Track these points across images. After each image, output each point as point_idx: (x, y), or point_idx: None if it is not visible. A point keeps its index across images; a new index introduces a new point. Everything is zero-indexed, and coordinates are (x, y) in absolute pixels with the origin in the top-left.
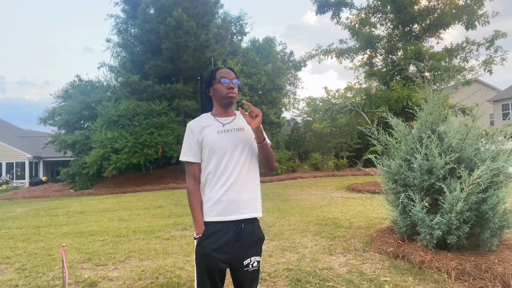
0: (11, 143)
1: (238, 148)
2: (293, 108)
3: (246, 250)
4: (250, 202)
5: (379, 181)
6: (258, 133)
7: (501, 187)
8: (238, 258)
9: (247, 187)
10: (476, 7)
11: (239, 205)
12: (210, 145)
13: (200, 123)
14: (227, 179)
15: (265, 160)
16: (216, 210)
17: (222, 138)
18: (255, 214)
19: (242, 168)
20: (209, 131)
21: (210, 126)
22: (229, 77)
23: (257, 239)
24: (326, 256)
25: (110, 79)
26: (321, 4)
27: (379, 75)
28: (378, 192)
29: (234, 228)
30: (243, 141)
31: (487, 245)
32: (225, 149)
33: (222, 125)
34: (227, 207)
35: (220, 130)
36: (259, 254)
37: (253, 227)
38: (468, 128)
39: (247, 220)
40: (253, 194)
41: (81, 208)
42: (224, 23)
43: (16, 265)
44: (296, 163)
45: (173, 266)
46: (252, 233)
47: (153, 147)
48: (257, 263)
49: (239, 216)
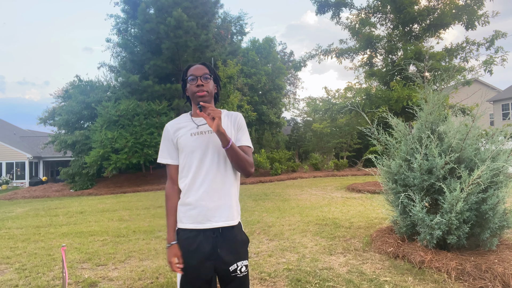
0: (11, 143)
1: (209, 152)
2: (293, 108)
3: (230, 256)
4: (224, 209)
5: (379, 181)
6: (220, 136)
7: (501, 187)
8: (223, 264)
9: (221, 193)
10: (476, 7)
11: (213, 213)
12: (182, 147)
13: (176, 124)
14: (199, 185)
15: (235, 165)
16: (190, 217)
17: (194, 141)
18: (230, 222)
19: (215, 173)
20: (183, 133)
21: (184, 127)
22: (197, 74)
23: (240, 243)
24: (326, 256)
25: (110, 79)
26: (321, 4)
27: (379, 75)
28: (378, 192)
29: (211, 235)
30: (218, 144)
31: (487, 245)
32: (196, 152)
33: (196, 127)
34: (200, 214)
35: (194, 132)
36: (246, 258)
37: (233, 231)
38: (468, 128)
39: (223, 228)
40: (227, 201)
41: (81, 208)
42: (224, 23)
43: (16, 265)
44: (296, 163)
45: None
46: (232, 238)
47: (153, 147)
48: (245, 268)
49: (213, 224)
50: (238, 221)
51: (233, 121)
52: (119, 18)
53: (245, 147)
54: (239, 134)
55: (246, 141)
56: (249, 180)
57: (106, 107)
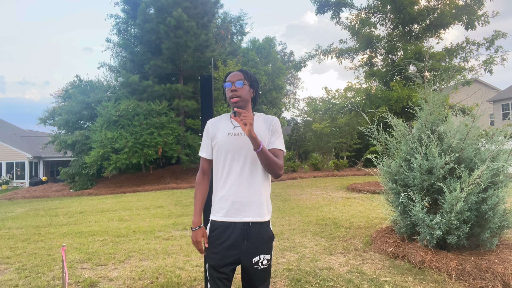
0: (11, 143)
1: (243, 153)
2: (293, 108)
3: (255, 248)
4: (254, 205)
5: (379, 181)
6: (251, 140)
7: (501, 187)
8: (247, 255)
9: (251, 191)
10: (476, 7)
11: (244, 207)
12: (218, 146)
13: (216, 123)
14: (232, 182)
15: (266, 167)
16: (222, 210)
17: (230, 141)
18: (259, 218)
19: (247, 172)
20: (220, 132)
21: (222, 127)
22: (232, 80)
23: (266, 238)
24: (326, 256)
25: (110, 79)
26: (321, 4)
27: (379, 75)
28: (378, 192)
29: (241, 227)
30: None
31: (487, 245)
32: (231, 151)
33: (233, 127)
34: (232, 208)
35: (230, 133)
36: (269, 253)
37: (262, 226)
38: (468, 128)
39: (252, 223)
40: (257, 198)
41: (81, 208)
42: (224, 23)
43: (16, 265)
44: (296, 163)
45: (173, 266)
46: (260, 232)
47: (153, 147)
48: (266, 261)
49: (243, 218)
50: (268, 219)
51: (268, 125)
52: (119, 18)
53: (277, 150)
54: (273, 137)
55: (279, 145)
56: None
57: (106, 107)
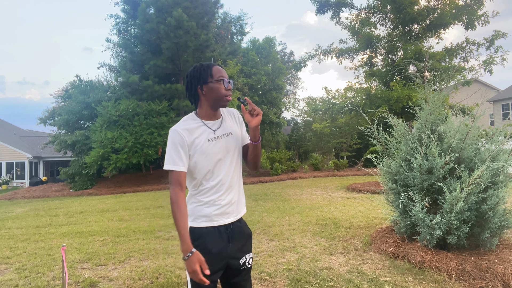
0: (11, 143)
1: (229, 155)
2: (293, 108)
3: (239, 249)
4: (239, 204)
5: (379, 181)
6: (256, 132)
7: (501, 187)
8: (234, 258)
9: (237, 191)
10: (476, 7)
11: (232, 209)
12: (200, 153)
13: (189, 129)
14: (220, 187)
15: (255, 159)
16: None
17: (214, 147)
18: (242, 212)
19: (232, 174)
20: (199, 139)
21: (199, 132)
22: (226, 77)
23: (247, 235)
24: (326, 256)
25: (110, 79)
26: (321, 4)
27: (379, 75)
28: (378, 192)
29: (224, 230)
30: (233, 147)
31: (487, 245)
32: (217, 157)
33: (213, 132)
34: (220, 212)
35: (211, 138)
36: (251, 250)
37: (241, 224)
38: (468, 128)
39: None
40: (241, 196)
41: (81, 208)
42: (224, 23)
43: (16, 265)
44: (296, 163)
45: (173, 266)
46: (241, 231)
47: (153, 147)
48: (251, 260)
49: (230, 219)
50: (244, 211)
51: (235, 118)
52: (119, 18)
53: None
54: (243, 130)
55: None
56: (249, 180)
57: (106, 107)
